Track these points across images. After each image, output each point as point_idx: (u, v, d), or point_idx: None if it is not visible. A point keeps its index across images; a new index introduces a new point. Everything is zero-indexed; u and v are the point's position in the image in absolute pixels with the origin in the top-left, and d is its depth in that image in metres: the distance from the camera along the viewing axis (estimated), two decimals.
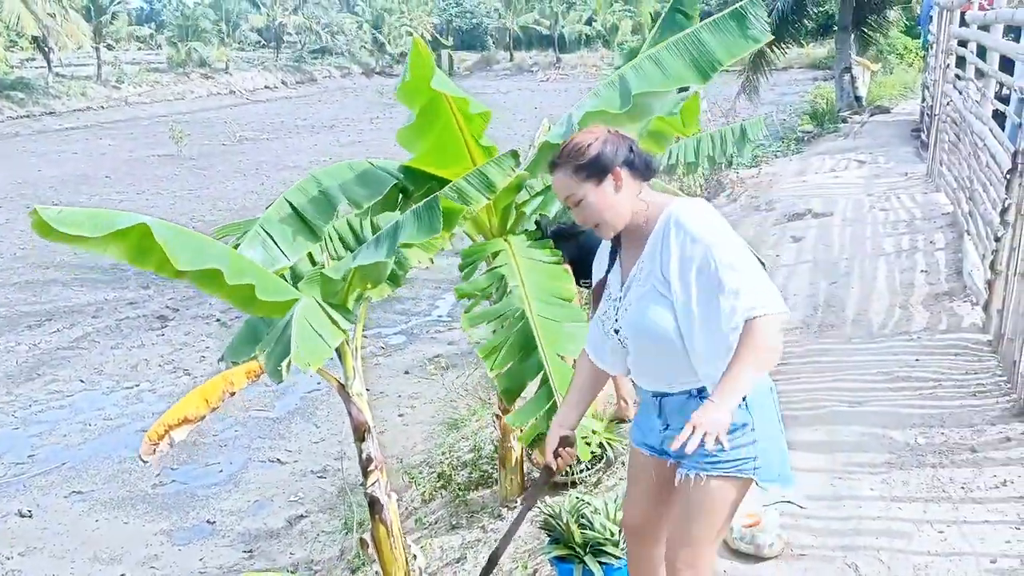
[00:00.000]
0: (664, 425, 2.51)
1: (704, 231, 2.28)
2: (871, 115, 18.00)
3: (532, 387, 3.69)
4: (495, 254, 4.15)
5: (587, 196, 2.36)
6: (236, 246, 3.74)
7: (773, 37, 4.18)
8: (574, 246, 4.77)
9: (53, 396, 8.86)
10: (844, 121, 17.56)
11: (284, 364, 2.64)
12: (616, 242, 2.53)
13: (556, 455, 2.65)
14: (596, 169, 2.35)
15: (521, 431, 3.62)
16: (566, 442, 2.66)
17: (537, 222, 4.84)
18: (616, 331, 2.48)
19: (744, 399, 2.33)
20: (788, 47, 19.90)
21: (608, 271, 2.56)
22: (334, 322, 2.90)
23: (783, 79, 32.70)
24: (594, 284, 2.61)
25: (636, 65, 3.85)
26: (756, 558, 3.48)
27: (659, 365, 2.43)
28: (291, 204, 3.71)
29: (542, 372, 3.48)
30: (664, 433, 2.51)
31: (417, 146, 3.91)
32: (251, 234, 3.57)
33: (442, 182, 3.77)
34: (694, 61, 3.69)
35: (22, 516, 6.61)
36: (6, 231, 16.19)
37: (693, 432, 2.15)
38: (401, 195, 3.90)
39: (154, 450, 3.27)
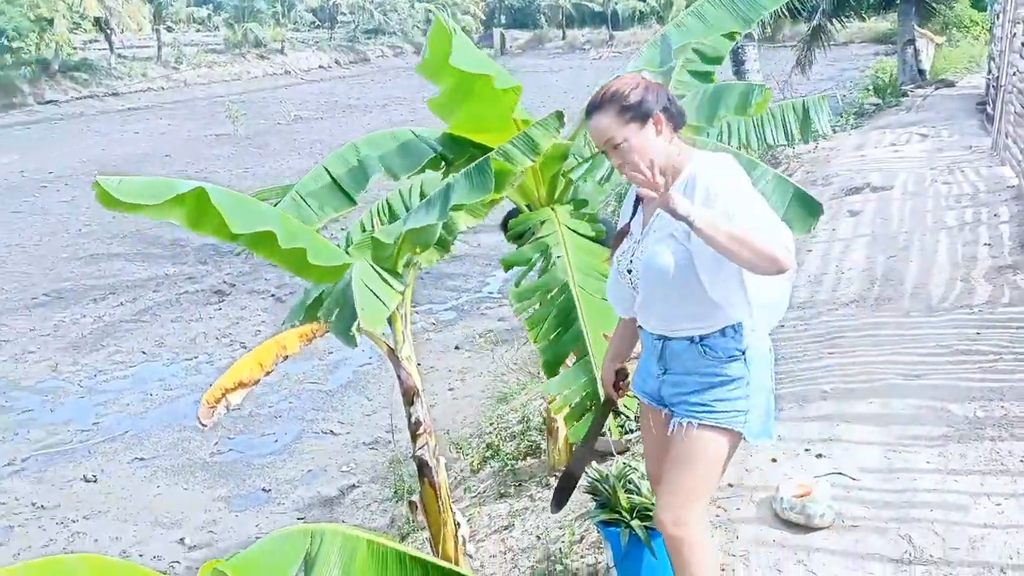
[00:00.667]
0: (662, 370, 2.56)
1: (726, 185, 2.33)
2: (935, 89, 17.52)
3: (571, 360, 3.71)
4: (541, 224, 4.14)
5: (629, 138, 2.38)
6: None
7: (826, 14, 4.07)
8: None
9: (117, 367, 9.11)
10: (906, 95, 17.12)
11: (355, 327, 2.68)
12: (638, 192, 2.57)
13: (616, 388, 2.82)
14: (640, 112, 2.38)
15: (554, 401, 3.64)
16: (622, 374, 2.82)
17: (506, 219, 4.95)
18: (629, 271, 2.54)
19: (743, 354, 2.42)
20: (848, 20, 19.43)
21: (632, 217, 2.60)
22: (389, 284, 2.93)
23: (843, 54, 31.92)
24: (617, 233, 2.65)
25: (678, 22, 3.80)
26: (806, 528, 3.44)
27: (665, 307, 2.48)
28: (328, 171, 3.76)
29: (581, 344, 3.49)
30: (662, 378, 2.56)
31: (454, 115, 3.92)
32: (287, 199, 3.63)
33: (483, 149, 3.77)
34: (736, 8, 3.62)
35: (87, 481, 6.81)
36: (72, 208, 16.64)
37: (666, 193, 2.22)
38: (443, 163, 3.91)
39: (212, 413, 3.33)
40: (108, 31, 39.36)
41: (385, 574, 2.15)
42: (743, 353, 2.44)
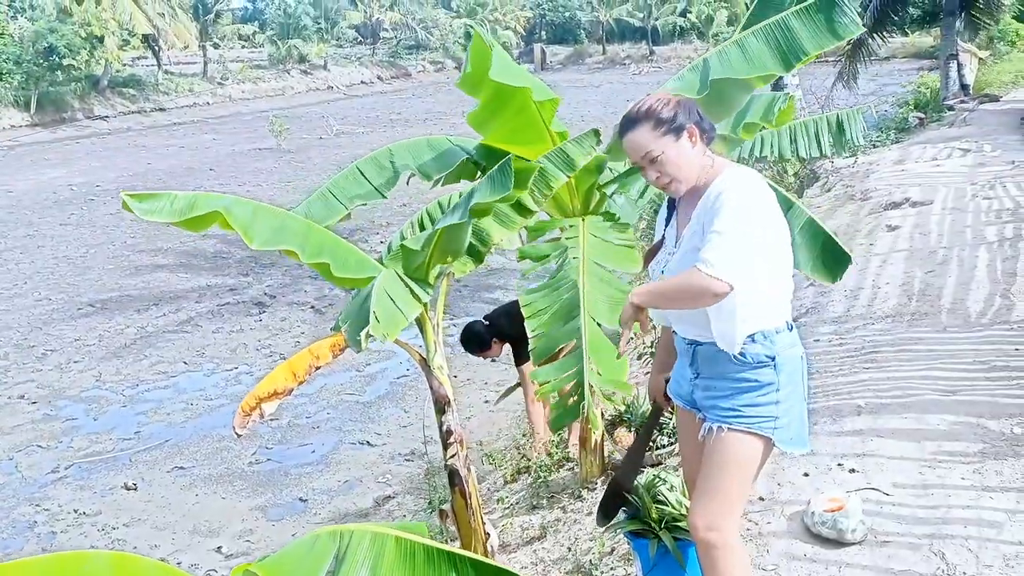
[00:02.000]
0: (695, 374, 2.61)
1: (733, 201, 2.39)
2: (978, 103, 17.26)
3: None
4: (566, 228, 4.20)
5: (666, 151, 2.47)
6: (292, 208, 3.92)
7: (866, 29, 4.07)
8: (507, 322, 5.21)
9: (159, 376, 9.28)
10: (951, 109, 16.89)
11: (363, 334, 2.74)
12: (671, 205, 2.67)
13: (666, 397, 2.86)
14: (674, 125, 2.47)
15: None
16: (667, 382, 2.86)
17: (472, 332, 5.24)
18: None
19: (773, 360, 2.46)
20: (890, 36, 19.23)
21: (666, 228, 2.68)
22: (413, 294, 2.99)
23: (884, 69, 31.58)
24: (653, 244, 2.73)
25: (721, 50, 3.83)
26: (838, 543, 3.42)
27: (695, 314, 2.53)
28: (360, 171, 3.85)
29: (577, 336, 3.56)
30: (694, 382, 2.61)
31: (491, 128, 3.99)
32: (316, 193, 3.74)
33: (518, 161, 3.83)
34: (779, 49, 3.65)
35: (128, 489, 6.93)
36: (118, 220, 16.99)
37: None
38: (480, 172, 3.98)
39: (247, 422, 3.41)
40: (156, 48, 40.21)
41: (413, 567, 2.19)
42: (773, 360, 2.47)
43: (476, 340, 5.54)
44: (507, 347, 5.72)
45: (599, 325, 3.67)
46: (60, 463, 7.37)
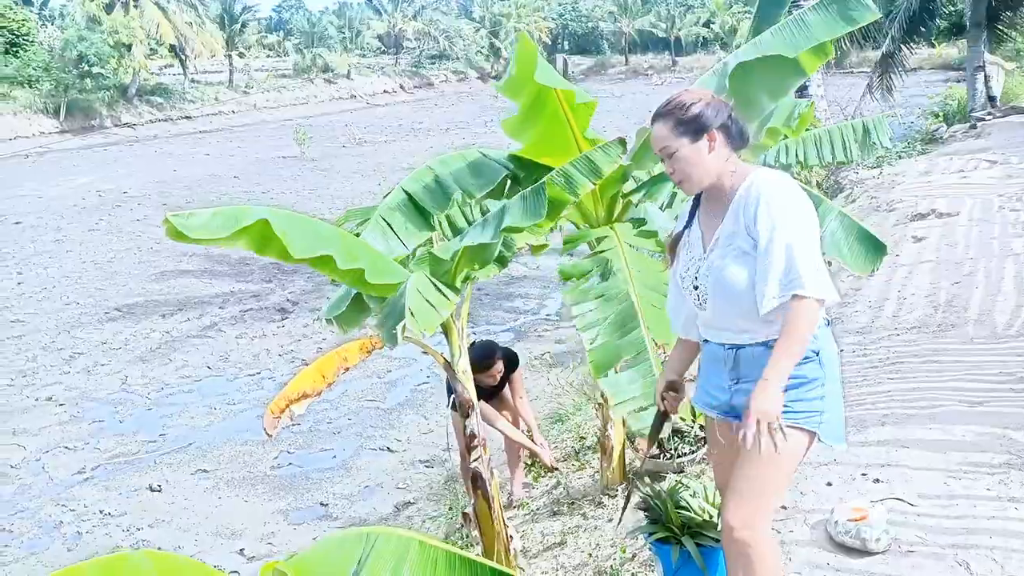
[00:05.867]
0: (735, 379, 2.58)
1: (778, 204, 2.41)
2: (1005, 115, 17.12)
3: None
4: (599, 239, 4.20)
5: (680, 150, 2.49)
6: (358, 234, 3.91)
7: (880, 15, 4.05)
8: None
9: (183, 380, 9.37)
10: (982, 119, 16.77)
11: (399, 328, 2.77)
12: (695, 203, 2.67)
13: (663, 398, 2.83)
14: (694, 127, 2.48)
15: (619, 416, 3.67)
16: (673, 387, 2.83)
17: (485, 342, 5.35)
18: (695, 287, 2.59)
19: (817, 355, 2.47)
20: (918, 47, 19.13)
21: (686, 228, 2.68)
22: (443, 294, 3.02)
23: (911, 80, 31.35)
24: (672, 238, 2.73)
25: (738, 53, 3.84)
26: (862, 552, 3.40)
27: (738, 318, 2.52)
28: (407, 193, 3.86)
29: (640, 347, 3.52)
30: (735, 387, 2.58)
31: (525, 136, 4.01)
32: (372, 222, 3.72)
33: (549, 171, 3.84)
34: (794, 42, 3.64)
35: (152, 490, 7.00)
36: (144, 227, 17.19)
37: (757, 424, 2.33)
38: (511, 182, 4.00)
39: (276, 423, 3.45)
40: (183, 57, 40.73)
41: (434, 571, 2.21)
42: (817, 354, 2.49)
43: (488, 348, 5.46)
44: None
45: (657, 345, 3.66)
46: (86, 464, 7.46)
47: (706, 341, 2.68)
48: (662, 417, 2.94)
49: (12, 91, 32.68)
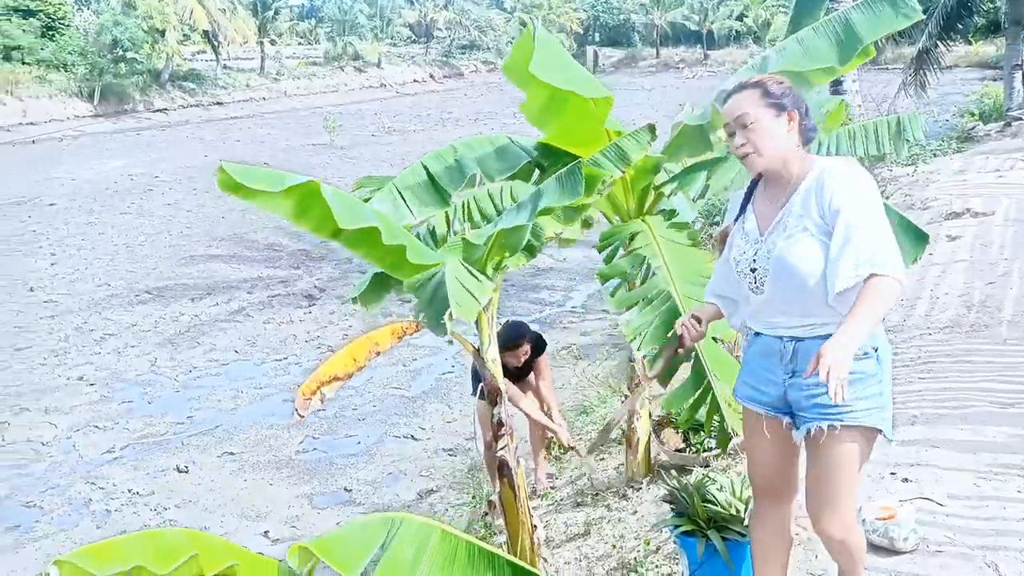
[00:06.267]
0: (789, 372, 2.53)
1: (857, 188, 2.40)
2: None
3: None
4: (632, 236, 4.17)
5: (760, 120, 2.47)
6: (367, 199, 3.94)
7: (923, 16, 3.98)
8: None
9: (211, 364, 9.46)
10: (1017, 119, 16.52)
11: (446, 317, 2.78)
12: (748, 193, 2.65)
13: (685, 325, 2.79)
14: (779, 102, 2.49)
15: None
16: (697, 319, 2.80)
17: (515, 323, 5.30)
18: (753, 270, 2.54)
19: (876, 351, 2.45)
20: (954, 44, 18.87)
21: (740, 215, 2.64)
22: (480, 281, 3.02)
23: (947, 78, 30.91)
24: (724, 226, 2.71)
25: (780, 47, 3.80)
26: (889, 551, 3.38)
27: (800, 306, 2.48)
28: (426, 169, 3.87)
29: (693, 354, 3.51)
30: (790, 381, 2.53)
31: (550, 124, 3.99)
32: (385, 190, 3.75)
33: (576, 159, 3.82)
34: (838, 41, 3.60)
35: (180, 471, 7.08)
36: (175, 211, 17.36)
37: (828, 374, 2.19)
38: (537, 170, 3.99)
39: (307, 405, 3.48)
40: (215, 43, 40.98)
41: (454, 561, 2.23)
42: (876, 350, 2.46)
43: (518, 329, 5.48)
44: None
45: (714, 339, 3.66)
46: (116, 444, 7.56)
47: (756, 334, 2.62)
48: (675, 348, 2.90)
49: (48, 74, 33.05)
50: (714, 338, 3.70)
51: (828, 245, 2.39)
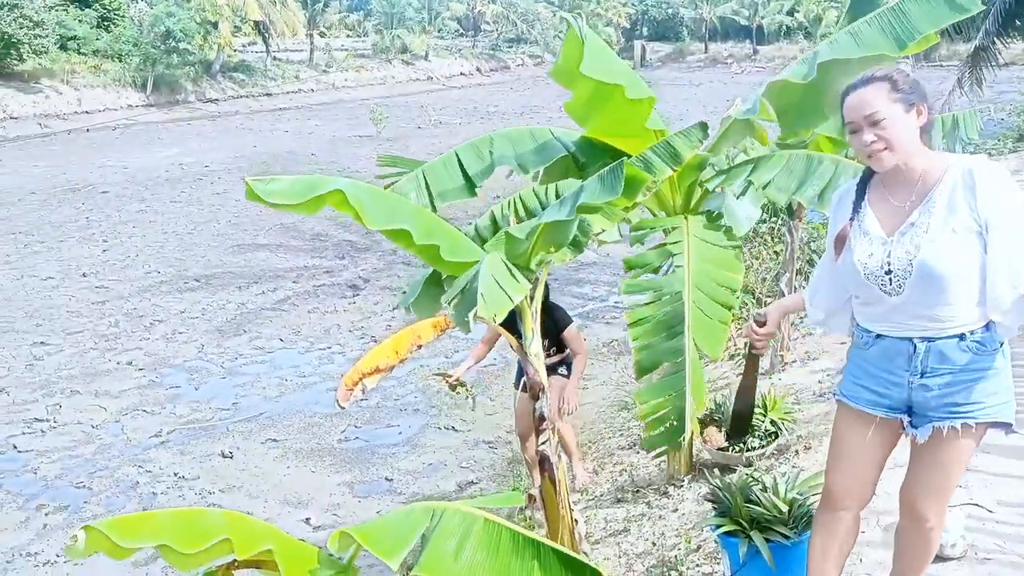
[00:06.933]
0: (919, 373, 2.46)
1: (1009, 195, 2.35)
2: None
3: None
4: (669, 231, 4.15)
5: (892, 115, 2.39)
6: (388, 187, 3.97)
7: (984, 7, 3.89)
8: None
9: (256, 351, 9.59)
10: None
11: (471, 314, 2.78)
12: (860, 192, 2.55)
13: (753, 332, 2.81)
14: (909, 97, 2.42)
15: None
16: (759, 322, 2.79)
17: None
18: (887, 272, 2.44)
19: (1002, 345, 2.43)
20: (1012, 41, 18.39)
21: (855, 215, 2.54)
22: (515, 278, 3.02)
23: (1003, 76, 30.20)
24: (836, 231, 2.59)
25: (832, 39, 3.75)
26: (936, 557, 3.30)
27: (937, 307, 2.41)
28: (458, 158, 3.89)
29: (678, 358, 3.51)
30: (918, 382, 2.46)
31: (592, 119, 3.98)
32: (410, 176, 3.78)
33: (618, 155, 3.81)
34: (892, 31, 3.53)
35: (224, 457, 7.19)
36: (223, 200, 17.62)
37: None
38: (573, 165, 3.99)
39: (349, 395, 3.52)
40: (266, 35, 41.42)
41: (498, 549, 2.24)
42: (1001, 344, 2.44)
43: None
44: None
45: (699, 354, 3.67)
46: (163, 428, 7.70)
47: (878, 336, 2.53)
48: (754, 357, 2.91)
49: (103, 64, 33.69)
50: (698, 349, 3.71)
51: (976, 247, 2.34)
